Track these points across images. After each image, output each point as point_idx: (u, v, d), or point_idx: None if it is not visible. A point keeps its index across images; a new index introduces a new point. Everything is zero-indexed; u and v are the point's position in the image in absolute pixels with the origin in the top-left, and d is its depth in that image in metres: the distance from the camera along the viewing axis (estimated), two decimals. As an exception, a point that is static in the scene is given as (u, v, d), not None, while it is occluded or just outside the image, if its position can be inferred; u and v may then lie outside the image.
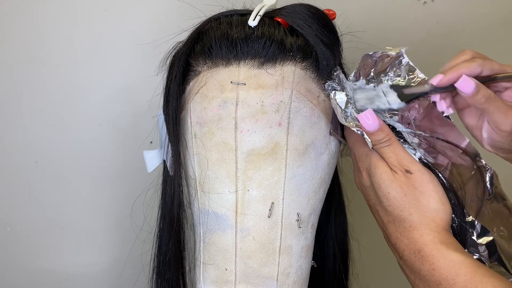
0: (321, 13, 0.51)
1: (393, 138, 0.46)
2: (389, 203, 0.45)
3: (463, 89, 0.44)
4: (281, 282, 0.49)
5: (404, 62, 0.49)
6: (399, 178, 0.45)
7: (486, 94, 0.44)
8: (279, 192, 0.48)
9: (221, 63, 0.49)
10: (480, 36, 0.78)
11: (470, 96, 0.44)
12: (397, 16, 0.77)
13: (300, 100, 0.48)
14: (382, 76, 0.50)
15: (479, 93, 0.44)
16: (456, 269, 0.41)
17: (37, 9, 0.74)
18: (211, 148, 0.49)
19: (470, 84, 0.44)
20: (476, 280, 0.40)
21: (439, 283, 0.41)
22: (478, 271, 0.40)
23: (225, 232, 0.49)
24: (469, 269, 0.40)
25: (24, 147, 0.79)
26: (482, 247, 0.47)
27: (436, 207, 0.44)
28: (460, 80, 0.44)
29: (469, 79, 0.44)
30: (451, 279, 0.40)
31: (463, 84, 0.44)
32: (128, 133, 0.80)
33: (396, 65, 0.50)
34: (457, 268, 0.41)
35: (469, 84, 0.44)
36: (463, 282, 0.40)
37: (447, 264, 0.41)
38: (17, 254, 0.84)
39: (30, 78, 0.77)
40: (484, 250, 0.47)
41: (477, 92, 0.44)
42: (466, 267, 0.40)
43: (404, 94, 0.48)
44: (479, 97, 0.44)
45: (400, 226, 0.45)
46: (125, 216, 0.77)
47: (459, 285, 0.40)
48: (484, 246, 0.47)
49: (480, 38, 0.78)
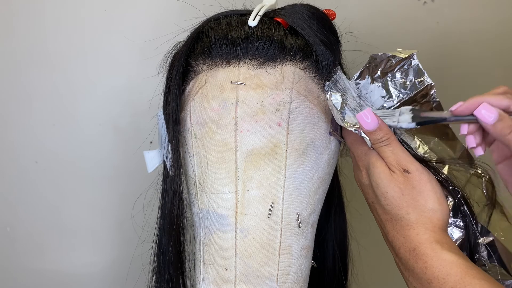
0: (321, 13, 0.51)
1: (392, 138, 0.46)
2: (387, 202, 0.45)
3: (482, 117, 0.41)
4: (281, 282, 0.49)
5: (414, 64, 0.49)
6: (397, 178, 0.45)
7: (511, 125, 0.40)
8: (279, 192, 0.49)
9: (221, 63, 0.49)
10: (480, 36, 0.78)
11: (492, 126, 0.41)
12: (397, 16, 0.77)
13: (300, 100, 0.48)
14: (388, 76, 0.50)
15: (502, 123, 0.40)
16: (447, 269, 0.41)
17: (37, 9, 0.75)
18: (211, 148, 0.49)
19: (491, 111, 0.40)
20: (466, 281, 0.40)
21: (430, 282, 0.41)
22: (469, 272, 0.40)
23: (225, 232, 0.49)
24: (460, 269, 0.40)
25: (24, 147, 0.79)
26: (482, 247, 0.47)
27: (433, 207, 0.44)
28: (480, 107, 0.41)
29: (490, 107, 0.41)
30: (441, 278, 0.41)
31: (483, 111, 0.41)
32: (128, 133, 0.80)
33: (405, 66, 0.50)
34: (448, 268, 0.41)
35: (490, 111, 0.40)
36: (453, 282, 0.40)
37: (439, 263, 0.41)
38: (17, 254, 0.84)
39: (30, 78, 0.77)
40: (484, 250, 0.47)
41: (500, 121, 0.40)
42: (458, 267, 0.40)
43: (419, 116, 0.46)
44: (503, 127, 0.40)
45: (397, 225, 0.45)
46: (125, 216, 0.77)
47: (448, 285, 0.40)
48: (484, 246, 0.47)
49: (480, 38, 0.78)
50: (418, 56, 0.49)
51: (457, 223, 0.48)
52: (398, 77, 0.50)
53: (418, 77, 0.49)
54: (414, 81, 0.49)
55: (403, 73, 0.50)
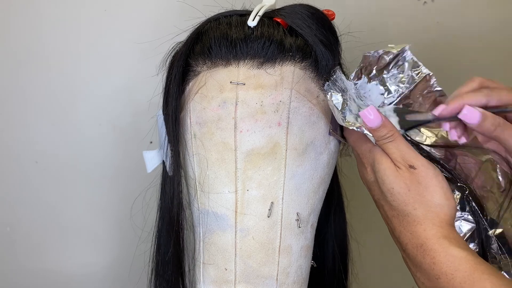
0: (320, 13, 0.51)
1: (396, 134, 0.46)
2: (393, 198, 0.45)
3: (468, 120, 0.44)
4: (280, 282, 0.49)
5: (408, 58, 0.49)
6: (403, 174, 0.45)
7: (495, 122, 0.43)
8: (278, 191, 0.49)
9: (221, 63, 0.49)
10: (480, 36, 0.78)
11: (478, 126, 0.44)
12: (397, 16, 0.77)
13: (299, 100, 0.48)
14: (384, 74, 0.50)
15: (487, 122, 0.43)
16: (456, 265, 0.41)
17: (37, 9, 0.75)
18: (211, 148, 0.49)
19: (474, 114, 0.43)
20: (475, 276, 0.40)
21: (438, 277, 0.41)
22: (478, 268, 0.40)
23: (224, 232, 0.49)
24: (469, 265, 0.40)
25: (24, 147, 0.80)
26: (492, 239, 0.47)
27: (440, 202, 0.44)
28: (463, 111, 0.44)
29: (473, 109, 0.44)
30: (449, 273, 0.41)
31: (466, 114, 0.44)
32: (128, 133, 0.80)
33: (399, 61, 0.50)
34: (457, 264, 0.41)
35: (473, 114, 0.44)
36: (461, 278, 0.40)
37: (447, 259, 0.41)
38: (17, 254, 0.84)
39: (30, 78, 0.77)
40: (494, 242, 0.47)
41: (484, 120, 0.43)
42: (466, 263, 0.40)
43: (405, 121, 0.48)
44: (488, 126, 0.44)
45: (404, 221, 0.45)
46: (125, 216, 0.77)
47: (457, 280, 0.40)
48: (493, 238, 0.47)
49: (480, 38, 0.78)
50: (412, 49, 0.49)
51: (465, 216, 0.48)
52: (395, 72, 0.50)
53: (415, 69, 0.49)
54: (411, 74, 0.49)
55: (399, 68, 0.50)
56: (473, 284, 0.39)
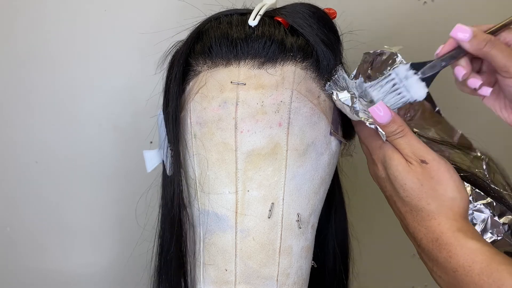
0: (322, 12, 0.51)
1: (406, 129, 0.46)
2: (406, 193, 0.45)
3: (460, 39, 0.45)
4: (281, 283, 0.49)
5: (398, 61, 0.50)
6: (414, 169, 0.45)
7: (486, 38, 0.45)
8: (279, 192, 0.48)
9: (221, 63, 0.48)
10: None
11: (469, 43, 0.45)
12: (397, 15, 0.77)
13: (300, 100, 0.48)
14: (378, 75, 0.50)
15: (478, 38, 0.44)
16: (472, 257, 0.41)
17: (37, 9, 0.74)
18: (211, 148, 0.49)
19: (465, 31, 0.45)
20: (492, 267, 0.40)
21: (455, 270, 0.41)
22: (495, 259, 0.40)
23: (225, 232, 0.49)
24: (485, 256, 0.41)
25: (24, 147, 0.79)
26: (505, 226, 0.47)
27: (453, 196, 0.44)
28: (455, 30, 0.45)
29: (464, 27, 0.45)
30: (467, 266, 0.41)
31: (457, 31, 0.45)
32: (128, 133, 0.80)
33: (390, 64, 0.50)
34: (473, 256, 0.41)
35: (464, 31, 0.45)
36: (479, 269, 0.40)
37: (463, 252, 0.41)
38: (17, 254, 0.84)
39: (30, 78, 0.77)
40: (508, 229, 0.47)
41: (475, 36, 0.44)
42: (483, 254, 0.41)
43: (425, 76, 0.48)
44: (479, 41, 0.44)
45: (418, 216, 0.45)
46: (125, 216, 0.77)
47: (475, 272, 0.40)
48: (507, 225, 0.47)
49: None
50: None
51: (477, 207, 0.48)
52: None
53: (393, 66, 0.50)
54: None
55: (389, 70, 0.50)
56: (491, 274, 0.40)
